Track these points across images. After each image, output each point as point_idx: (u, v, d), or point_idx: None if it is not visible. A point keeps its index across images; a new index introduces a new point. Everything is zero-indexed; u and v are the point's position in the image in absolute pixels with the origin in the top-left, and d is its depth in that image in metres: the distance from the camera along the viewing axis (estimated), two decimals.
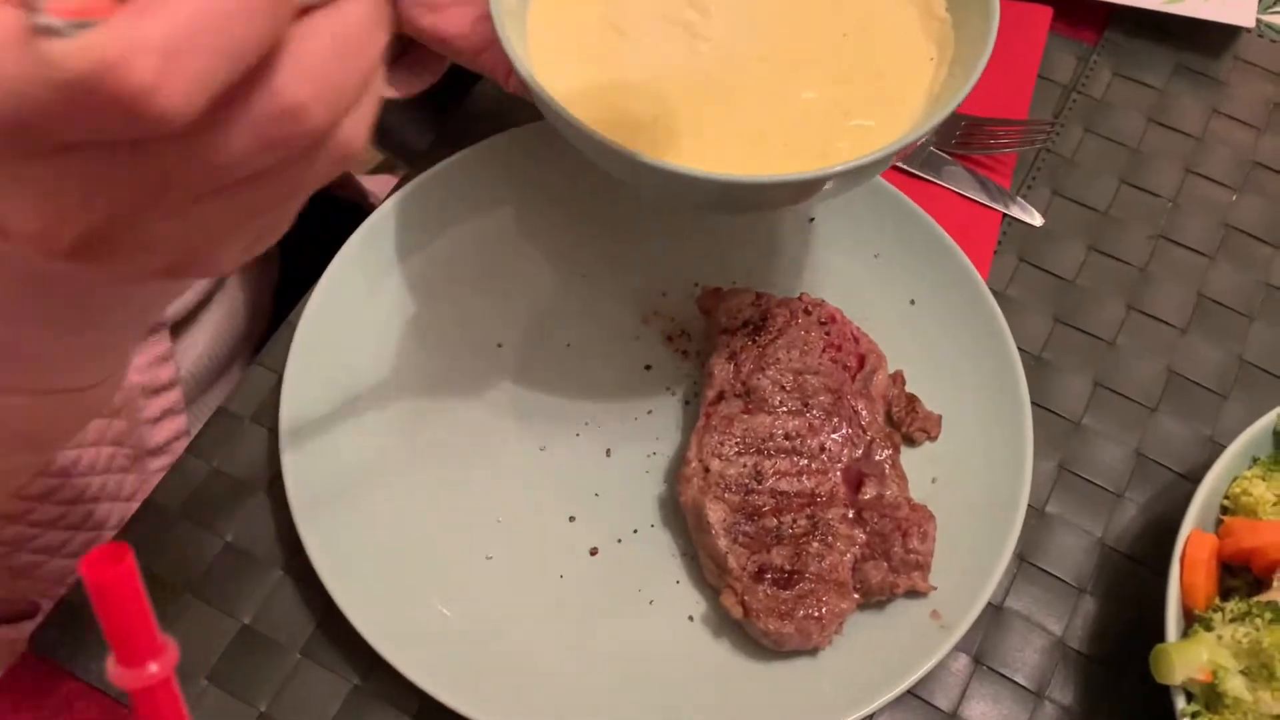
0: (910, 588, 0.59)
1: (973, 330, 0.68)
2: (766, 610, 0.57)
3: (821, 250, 0.73)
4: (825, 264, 0.72)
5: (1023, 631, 0.61)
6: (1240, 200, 0.78)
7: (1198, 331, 0.72)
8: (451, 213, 0.71)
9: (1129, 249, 0.76)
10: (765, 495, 0.60)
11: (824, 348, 0.65)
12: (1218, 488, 0.59)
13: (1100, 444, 0.67)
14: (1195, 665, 0.51)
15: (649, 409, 0.67)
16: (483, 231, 0.71)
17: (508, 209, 0.72)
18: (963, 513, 0.62)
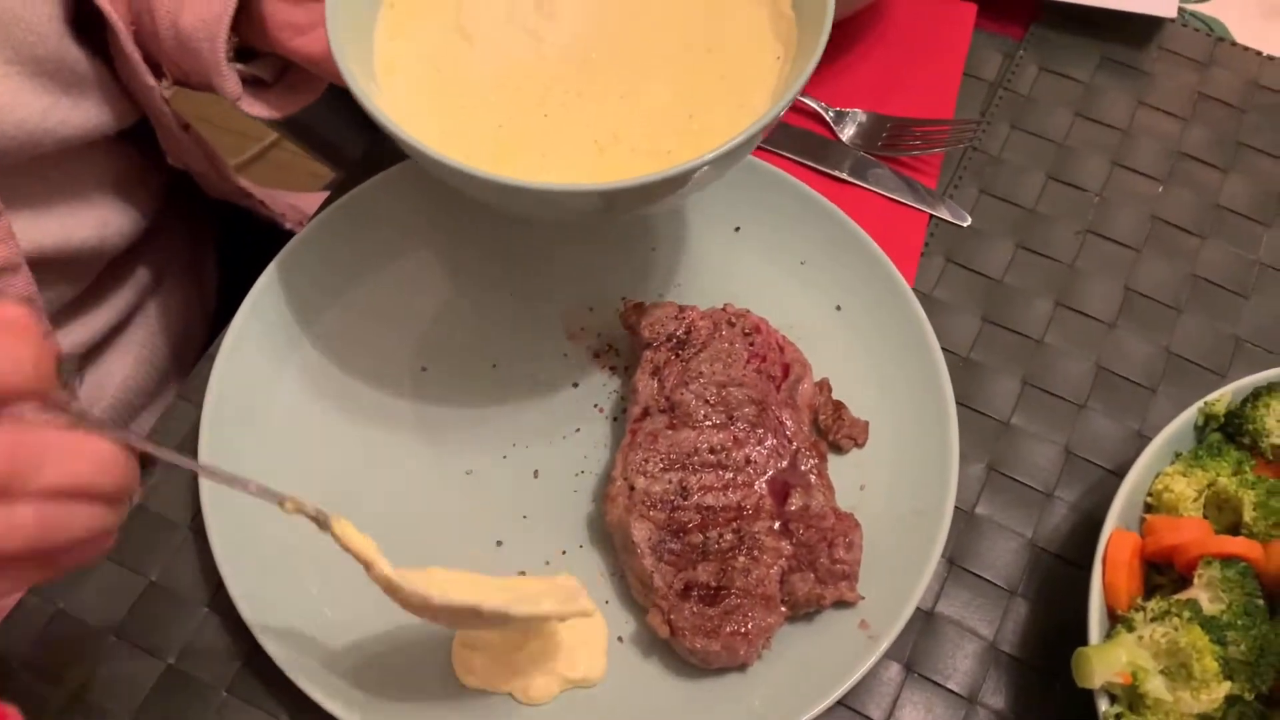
0: (838, 598, 0.59)
1: (898, 335, 0.68)
2: (693, 628, 0.56)
3: (748, 259, 0.72)
4: (752, 272, 0.72)
5: (954, 637, 0.61)
6: (1167, 192, 0.78)
7: (1126, 326, 0.72)
8: (373, 234, 0.70)
9: (1057, 245, 0.76)
10: (691, 511, 0.60)
11: (748, 358, 0.65)
12: (1140, 485, 0.59)
13: (1030, 443, 0.67)
14: (1114, 668, 0.51)
15: (577, 427, 0.66)
16: (405, 254, 0.70)
17: (430, 230, 0.71)
18: (891, 519, 0.62)
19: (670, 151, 0.55)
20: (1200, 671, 0.50)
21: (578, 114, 0.56)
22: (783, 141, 0.79)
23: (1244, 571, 0.53)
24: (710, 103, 0.56)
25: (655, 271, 0.72)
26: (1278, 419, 0.58)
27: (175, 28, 0.63)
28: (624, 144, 0.55)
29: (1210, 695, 0.50)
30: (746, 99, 0.56)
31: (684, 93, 0.56)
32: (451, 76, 0.57)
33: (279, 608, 0.58)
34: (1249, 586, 0.53)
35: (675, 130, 0.56)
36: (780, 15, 0.58)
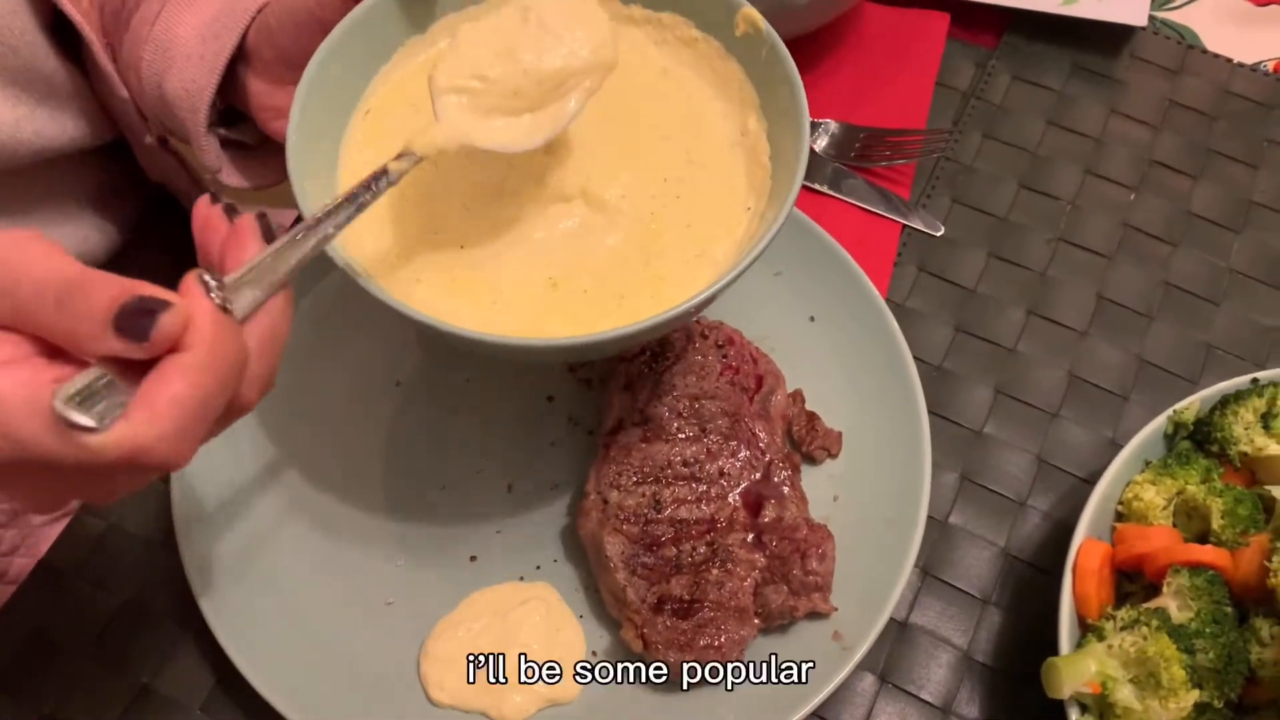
0: (811, 610, 0.59)
1: (872, 345, 0.68)
2: (666, 642, 0.57)
3: None
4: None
5: (928, 647, 0.61)
6: (1139, 200, 0.79)
7: (1098, 334, 0.72)
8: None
9: (1029, 254, 0.76)
10: (665, 524, 0.60)
11: (721, 371, 0.65)
12: (1111, 494, 0.59)
13: (1003, 452, 0.68)
14: (1083, 678, 0.52)
15: (551, 441, 0.66)
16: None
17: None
18: (865, 530, 0.62)
19: (623, 297, 0.52)
20: (1168, 680, 0.50)
21: (535, 251, 0.54)
22: None
23: (1212, 580, 0.54)
24: (670, 249, 0.54)
25: None
26: (1245, 427, 0.58)
27: (160, 90, 0.62)
28: (575, 283, 0.52)
29: (1179, 704, 0.51)
30: (707, 249, 0.54)
31: (645, 236, 0.54)
32: (413, 197, 0.55)
33: (251, 626, 0.58)
34: (1217, 594, 0.53)
35: (630, 274, 0.53)
36: (758, 165, 0.56)
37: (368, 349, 0.68)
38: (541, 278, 0.53)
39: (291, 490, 0.63)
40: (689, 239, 0.54)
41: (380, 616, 0.60)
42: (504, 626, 0.59)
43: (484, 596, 0.60)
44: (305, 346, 0.67)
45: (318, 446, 0.65)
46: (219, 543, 0.60)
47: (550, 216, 0.55)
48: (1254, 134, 0.82)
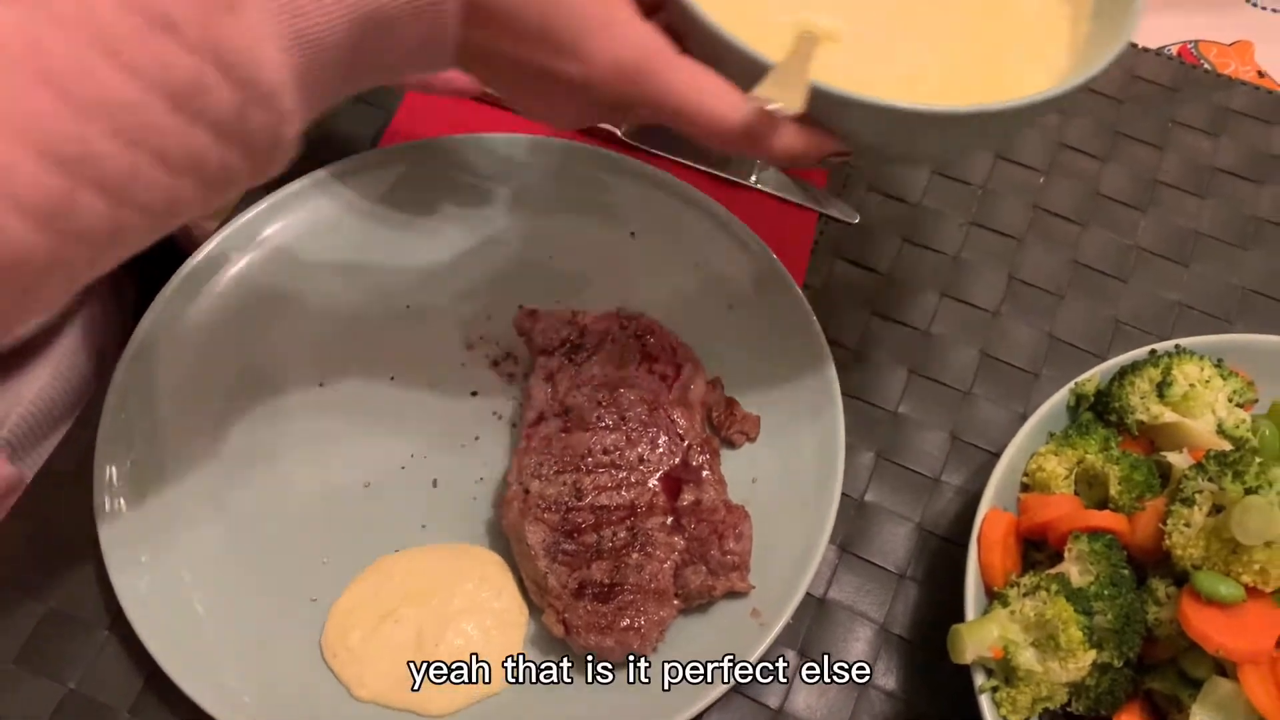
0: (729, 589, 0.60)
1: (788, 331, 0.69)
2: (586, 626, 0.58)
3: (644, 263, 0.74)
4: (648, 276, 0.73)
5: (846, 622, 0.63)
6: (1048, 182, 0.81)
7: (1009, 313, 0.75)
8: (268, 252, 0.71)
9: (942, 238, 0.78)
10: (585, 511, 0.61)
11: (641, 360, 0.66)
12: (1016, 466, 0.61)
13: (917, 431, 0.70)
14: (986, 643, 0.53)
15: (476, 435, 0.67)
16: (301, 270, 0.71)
17: (325, 246, 0.72)
18: (782, 510, 0.64)
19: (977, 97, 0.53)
20: (1066, 642, 0.52)
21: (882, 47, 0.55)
22: (675, 147, 0.81)
23: (1110, 544, 0.56)
24: (1005, 57, 0.56)
25: (553, 278, 0.73)
26: (1141, 396, 0.60)
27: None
28: (928, 84, 0.54)
29: (1077, 664, 0.52)
30: (1041, 52, 0.56)
31: (981, 46, 0.56)
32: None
33: (177, 627, 0.59)
34: (1115, 558, 0.55)
35: (978, 78, 0.55)
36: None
37: (292, 352, 0.69)
38: (893, 77, 0.54)
39: (216, 491, 0.64)
40: (1020, 49, 0.56)
41: (307, 614, 0.60)
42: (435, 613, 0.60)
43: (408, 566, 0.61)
44: (229, 348, 0.68)
45: (242, 448, 0.65)
46: (143, 545, 0.61)
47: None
48: (1160, 116, 0.85)
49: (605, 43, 0.48)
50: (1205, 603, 0.52)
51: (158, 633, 0.58)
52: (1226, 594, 0.52)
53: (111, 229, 0.40)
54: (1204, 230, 0.79)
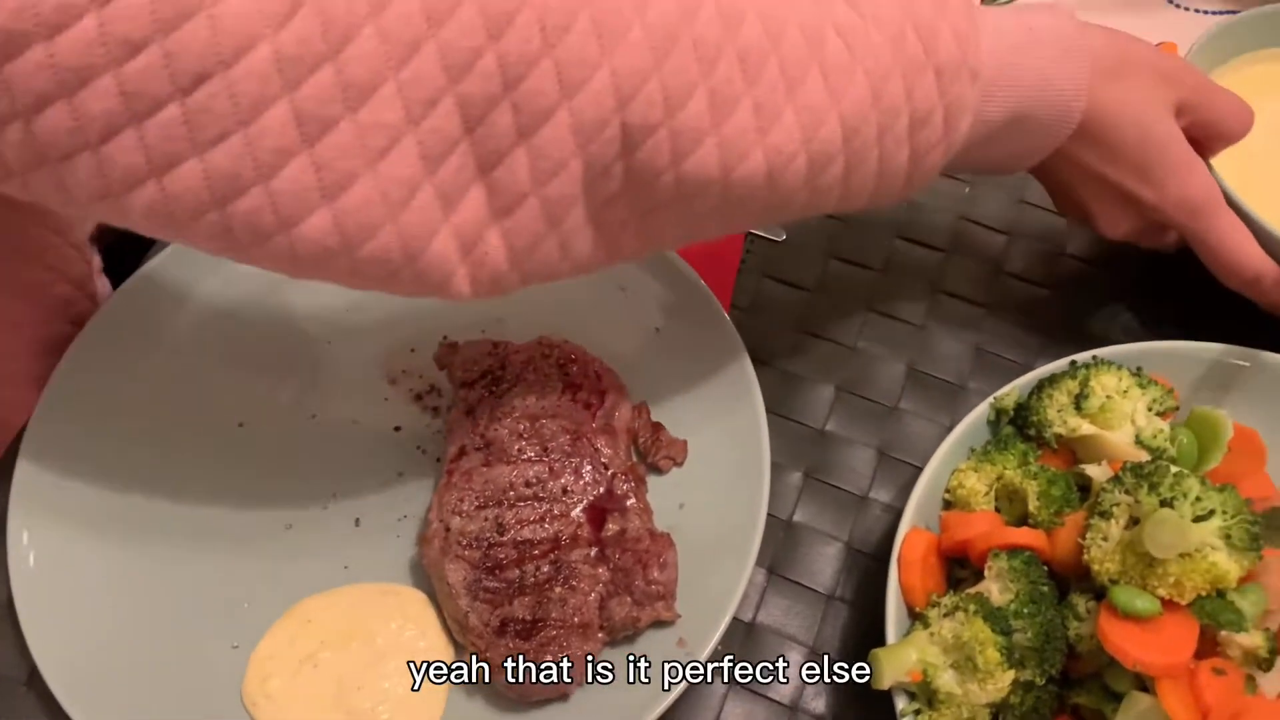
0: (655, 618, 0.60)
1: (713, 353, 0.69)
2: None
3: (569, 289, 0.72)
4: (573, 302, 0.73)
5: (775, 645, 0.63)
6: (975, 192, 0.81)
7: (935, 327, 0.74)
8: (181, 295, 0.70)
9: (869, 253, 0.78)
10: (508, 546, 0.60)
11: (563, 389, 0.66)
12: (936, 483, 0.61)
13: (845, 448, 0.69)
14: (904, 668, 0.53)
15: (399, 471, 0.67)
16: (215, 311, 0.70)
17: (240, 286, 0.71)
18: (709, 534, 0.63)
19: None
20: (984, 663, 0.52)
21: None
22: None
23: (1029, 560, 0.55)
24: None
25: (478, 308, 0.72)
26: (1059, 410, 0.60)
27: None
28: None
29: (996, 685, 0.52)
30: None
31: None
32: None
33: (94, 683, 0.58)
34: (1034, 575, 0.55)
35: None
36: None
37: (208, 392, 0.68)
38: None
39: (134, 539, 0.63)
40: None
41: (228, 662, 0.59)
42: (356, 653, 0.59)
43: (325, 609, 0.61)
44: (144, 394, 0.67)
45: (160, 494, 0.64)
46: (57, 599, 0.60)
47: None
48: None
49: (1183, 180, 0.61)
50: (1122, 617, 0.52)
51: (75, 689, 0.57)
52: (1142, 608, 0.52)
53: (821, 194, 0.53)
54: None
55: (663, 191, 0.49)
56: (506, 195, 0.46)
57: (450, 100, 0.42)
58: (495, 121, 0.43)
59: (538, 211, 0.47)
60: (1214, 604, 0.52)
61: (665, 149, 0.47)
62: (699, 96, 0.46)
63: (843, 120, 0.50)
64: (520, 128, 0.44)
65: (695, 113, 0.46)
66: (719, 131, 0.47)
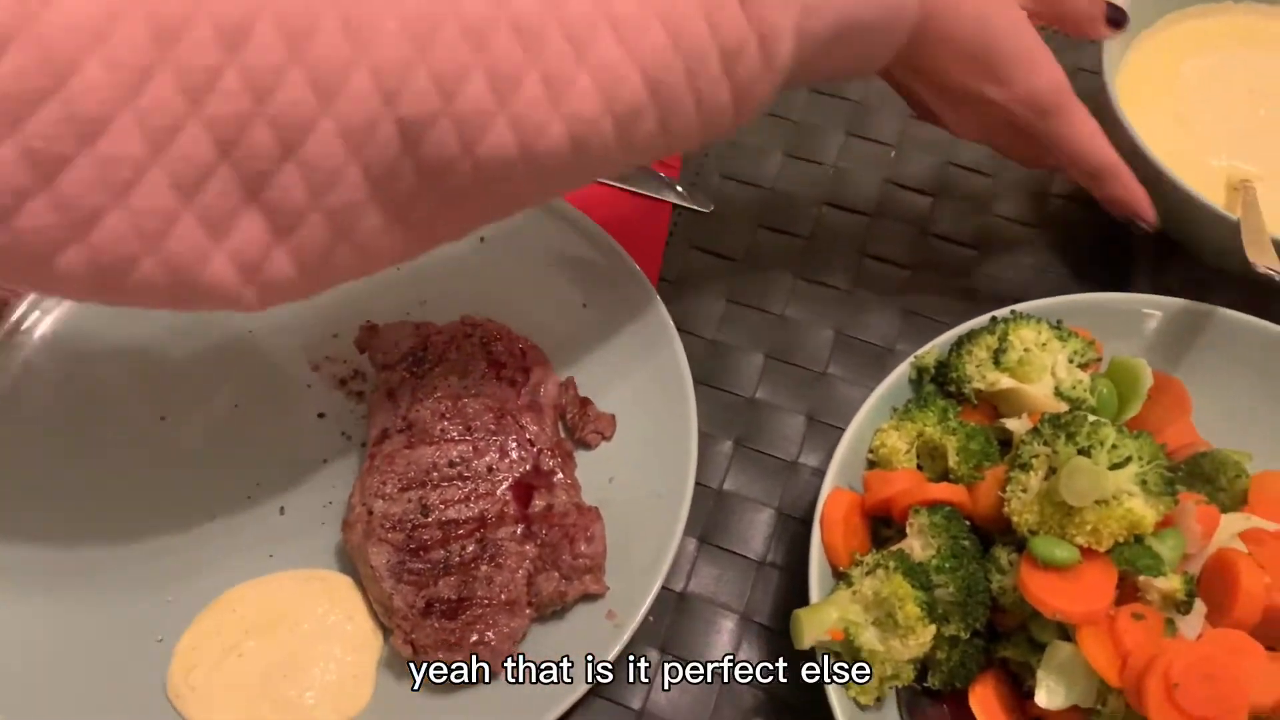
0: (584, 592, 0.60)
1: (641, 326, 0.69)
2: (434, 644, 0.57)
3: (494, 267, 0.73)
4: (499, 280, 0.72)
5: (706, 614, 0.62)
6: (900, 156, 0.81)
7: (863, 290, 0.74)
8: None
9: (796, 221, 0.78)
10: (433, 528, 0.60)
11: (487, 367, 0.65)
12: (859, 443, 0.60)
13: (774, 415, 0.69)
14: (824, 627, 0.53)
15: (324, 458, 0.66)
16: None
17: None
18: (638, 506, 0.63)
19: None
20: (904, 618, 0.52)
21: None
22: None
23: (949, 515, 0.55)
24: None
25: (400, 291, 0.72)
26: (977, 365, 0.60)
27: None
28: None
29: (918, 640, 0.52)
30: None
31: None
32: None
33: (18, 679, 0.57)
34: (955, 529, 0.55)
35: None
36: None
37: (129, 389, 0.67)
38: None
39: (55, 535, 0.62)
40: None
41: (153, 656, 0.59)
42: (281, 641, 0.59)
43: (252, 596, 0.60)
44: (61, 392, 0.66)
45: (82, 490, 0.63)
46: None
47: None
48: None
49: (1028, 74, 0.59)
50: (1042, 568, 0.52)
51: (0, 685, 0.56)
52: (1061, 557, 0.52)
53: (641, 149, 0.50)
54: (1057, 191, 0.80)
55: (463, 178, 0.46)
56: (284, 215, 0.43)
57: (196, 125, 0.39)
58: (253, 141, 0.40)
59: (323, 226, 0.44)
60: (1132, 550, 0.52)
61: (451, 138, 0.44)
62: (476, 78, 0.43)
63: (644, 73, 0.46)
64: (283, 144, 0.41)
65: (475, 95, 0.43)
66: (507, 110, 0.44)
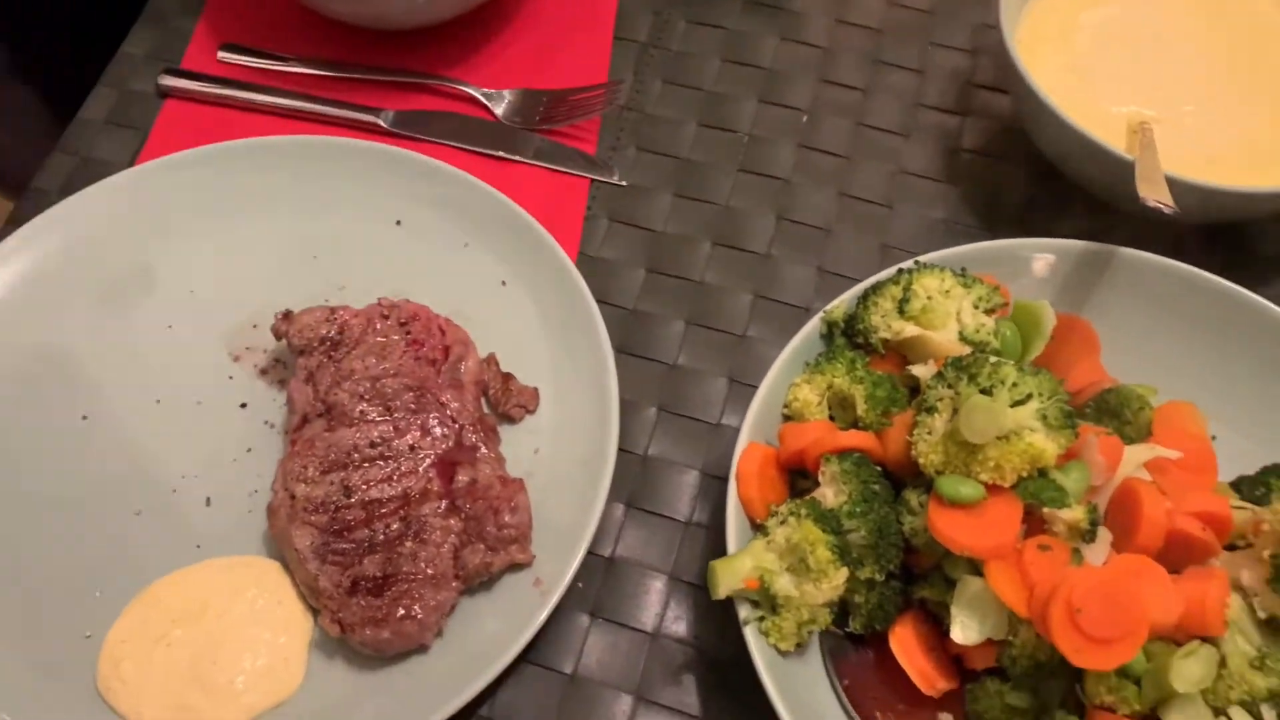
0: (510, 562, 0.60)
1: (560, 300, 0.69)
2: (361, 622, 0.57)
3: (412, 250, 0.73)
4: (417, 262, 0.73)
5: (635, 577, 0.63)
6: (812, 120, 0.82)
7: (781, 253, 0.75)
8: (11, 291, 0.69)
9: (712, 189, 0.78)
10: (356, 508, 0.60)
11: (406, 347, 0.66)
12: (773, 399, 0.61)
13: (697, 379, 0.70)
14: (739, 576, 0.54)
15: (248, 447, 0.66)
16: (50, 304, 0.69)
17: (76, 277, 0.70)
18: (563, 475, 0.64)
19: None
20: (816, 562, 0.53)
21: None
22: (441, 130, 0.80)
23: (859, 461, 0.56)
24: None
25: (318, 278, 0.72)
26: (883, 315, 0.61)
27: None
28: (1227, 163, 0.70)
29: (831, 583, 0.53)
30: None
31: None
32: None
33: None
34: (865, 475, 0.56)
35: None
36: None
37: (49, 386, 0.67)
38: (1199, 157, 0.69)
39: None
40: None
41: (82, 652, 0.59)
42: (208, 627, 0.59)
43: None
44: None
45: (4, 489, 0.63)
46: None
47: None
48: (919, 41, 0.86)
49: None
50: (949, 506, 0.53)
51: None
52: (967, 494, 0.53)
53: None
54: (967, 145, 0.81)
55: None
56: None
57: None
58: None
59: None
60: (1036, 483, 0.53)
61: None
62: None
63: None
64: None
65: None
66: None
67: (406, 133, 0.80)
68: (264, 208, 0.74)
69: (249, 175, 0.74)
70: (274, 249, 0.73)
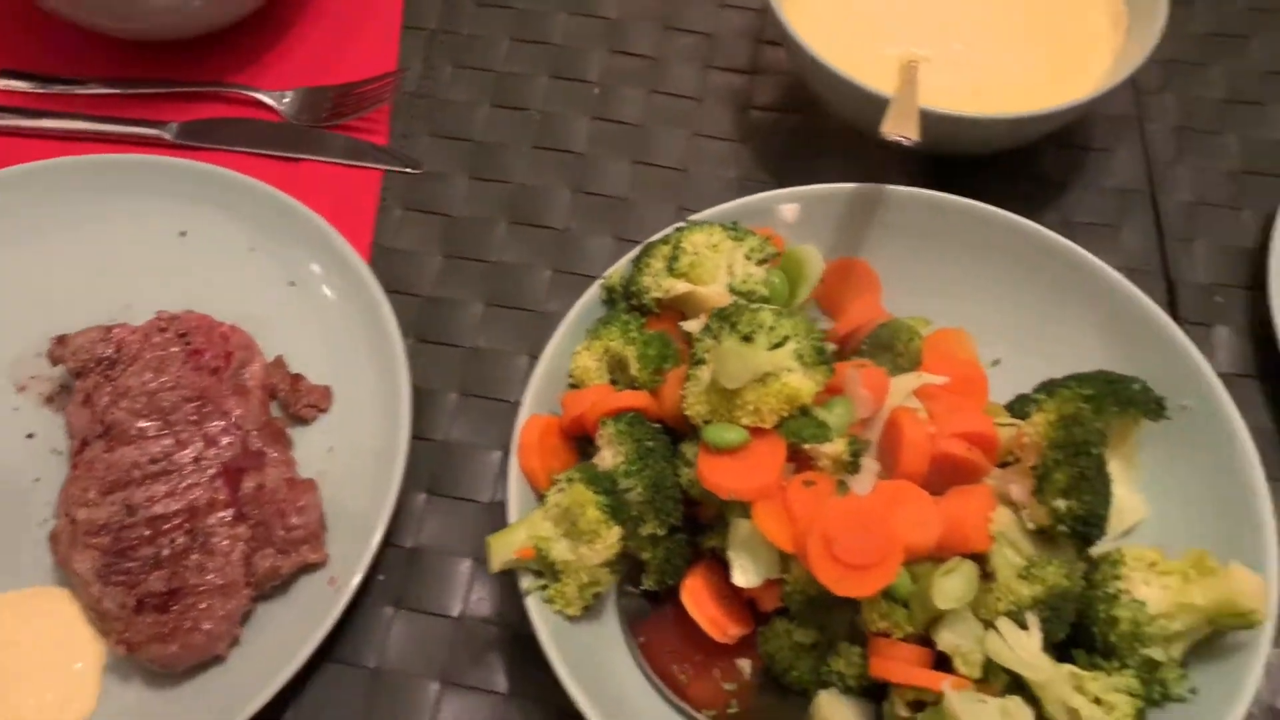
0: (301, 562, 0.60)
1: (349, 296, 0.69)
2: (148, 639, 0.56)
3: (197, 259, 0.72)
4: (202, 272, 0.71)
5: (438, 563, 0.63)
6: (605, 93, 0.82)
7: (580, 227, 0.75)
8: None
9: (508, 169, 0.78)
10: (140, 526, 0.59)
11: (186, 358, 0.65)
12: (555, 370, 0.61)
13: (498, 360, 0.70)
14: (511, 548, 0.54)
15: (36, 477, 0.65)
16: None
17: None
18: (358, 470, 0.63)
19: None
20: (586, 523, 0.53)
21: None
22: (227, 137, 0.79)
23: (633, 421, 0.57)
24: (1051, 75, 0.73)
25: (102, 298, 0.70)
26: (654, 275, 0.62)
27: None
28: (991, 94, 0.72)
29: (605, 543, 0.53)
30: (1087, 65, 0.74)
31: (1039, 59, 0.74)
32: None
33: None
34: (639, 433, 0.56)
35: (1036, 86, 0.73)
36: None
37: None
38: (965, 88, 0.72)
39: None
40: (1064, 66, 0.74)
41: None
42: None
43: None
44: None
45: None
46: None
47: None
48: (709, 3, 0.87)
49: None
50: (717, 453, 0.54)
51: None
52: (730, 439, 0.53)
53: None
54: (757, 104, 0.82)
55: None
56: None
57: None
58: None
59: None
60: (797, 422, 0.54)
61: None
62: None
63: None
64: None
65: None
66: None
67: (192, 143, 0.78)
68: (40, 234, 0.72)
69: (24, 203, 0.72)
70: (55, 274, 0.71)
